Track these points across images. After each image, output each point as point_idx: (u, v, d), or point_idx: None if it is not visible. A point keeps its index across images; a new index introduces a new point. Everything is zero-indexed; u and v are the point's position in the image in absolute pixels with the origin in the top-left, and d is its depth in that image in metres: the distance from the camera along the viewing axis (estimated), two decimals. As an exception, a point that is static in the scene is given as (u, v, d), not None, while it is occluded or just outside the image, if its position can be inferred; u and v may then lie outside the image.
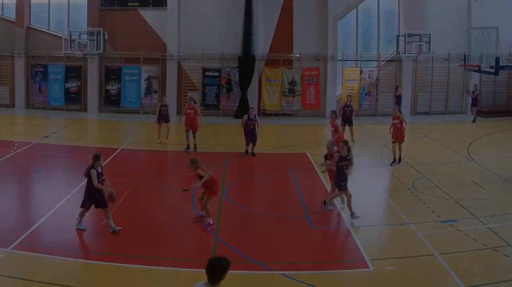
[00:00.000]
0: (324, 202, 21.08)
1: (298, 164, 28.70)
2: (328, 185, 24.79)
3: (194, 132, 31.11)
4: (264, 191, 25.61)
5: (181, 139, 31.78)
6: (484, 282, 15.33)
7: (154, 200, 22.20)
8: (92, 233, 18.81)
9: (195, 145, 31.01)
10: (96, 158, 18.49)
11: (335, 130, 28.18)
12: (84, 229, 18.53)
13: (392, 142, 28.21)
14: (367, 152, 30.40)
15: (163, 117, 32.70)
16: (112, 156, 29.56)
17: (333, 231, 19.93)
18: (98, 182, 18.15)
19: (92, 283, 15.20)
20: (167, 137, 32.81)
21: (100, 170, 18.44)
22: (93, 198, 18.38)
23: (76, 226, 18.58)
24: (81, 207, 18.59)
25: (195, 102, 31.81)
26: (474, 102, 41.29)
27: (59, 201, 21.68)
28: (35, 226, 18.94)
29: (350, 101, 34.72)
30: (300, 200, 22.70)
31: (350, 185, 23.90)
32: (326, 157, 21.84)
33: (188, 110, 31.26)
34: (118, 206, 20.88)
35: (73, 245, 17.55)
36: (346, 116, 32.95)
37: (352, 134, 32.89)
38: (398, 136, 27.98)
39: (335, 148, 21.48)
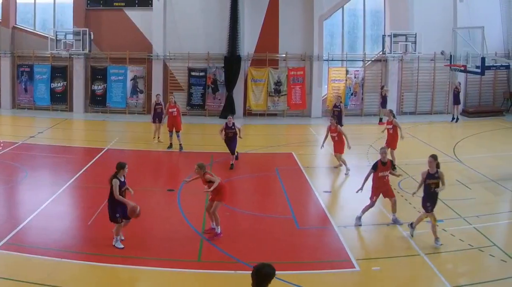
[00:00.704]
0: (411, 225, 18.76)
1: (284, 164, 28.70)
2: (314, 185, 24.89)
3: (177, 131, 31.18)
4: (250, 191, 25.55)
5: (167, 139, 31.80)
6: (470, 282, 15.40)
7: (140, 200, 22.03)
8: (78, 233, 18.77)
9: (180, 144, 31.07)
10: (121, 166, 17.48)
11: (339, 135, 27.17)
12: (123, 247, 17.48)
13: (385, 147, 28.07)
14: (353, 152, 30.42)
15: (158, 116, 32.68)
16: (98, 155, 29.56)
17: (319, 231, 19.86)
18: (121, 192, 17.34)
19: (78, 284, 15.13)
20: (158, 137, 32.83)
21: (123, 179, 17.51)
22: (121, 209, 17.31)
23: (114, 244, 17.44)
24: (111, 221, 17.43)
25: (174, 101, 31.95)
26: (457, 99, 41.43)
27: (44, 201, 21.64)
28: (20, 226, 18.87)
29: (340, 102, 34.80)
30: (286, 200, 22.73)
31: (337, 186, 24.05)
32: (376, 166, 20.16)
33: (170, 109, 31.32)
34: (105, 206, 20.84)
35: (58, 245, 17.44)
36: (335, 117, 32.89)
37: None
38: (389, 142, 27.73)
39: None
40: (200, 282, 15.63)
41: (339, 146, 27.32)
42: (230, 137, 28.11)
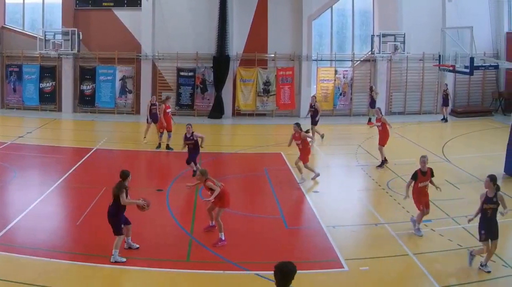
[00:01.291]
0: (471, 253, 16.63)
1: (273, 164, 28.70)
2: (303, 185, 24.84)
3: (169, 131, 31.15)
4: (239, 191, 25.41)
5: (156, 139, 31.82)
6: (459, 282, 15.46)
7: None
8: (67, 233, 18.73)
9: (167, 144, 31.10)
10: (126, 175, 16.99)
11: (303, 143, 25.85)
12: (125, 261, 16.66)
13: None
14: (342, 152, 30.42)
15: (153, 116, 32.64)
16: (87, 155, 29.50)
17: (308, 231, 19.87)
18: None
19: (67, 284, 15.08)
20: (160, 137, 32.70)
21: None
22: (123, 217, 16.90)
23: (115, 258, 16.46)
24: (116, 235, 16.56)
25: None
26: (445, 101, 41.66)
27: (33, 201, 21.61)
28: (9, 226, 18.83)
29: (315, 101, 34.82)
30: (275, 200, 22.72)
31: (326, 187, 23.98)
32: (416, 175, 19.00)
33: (167, 110, 31.37)
34: (93, 206, 20.86)
35: (47, 245, 17.39)
36: (309, 116, 33.30)
37: (317, 132, 33.19)
38: (380, 139, 27.88)
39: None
40: (189, 282, 15.61)
41: (302, 154, 25.87)
42: (190, 149, 25.84)
